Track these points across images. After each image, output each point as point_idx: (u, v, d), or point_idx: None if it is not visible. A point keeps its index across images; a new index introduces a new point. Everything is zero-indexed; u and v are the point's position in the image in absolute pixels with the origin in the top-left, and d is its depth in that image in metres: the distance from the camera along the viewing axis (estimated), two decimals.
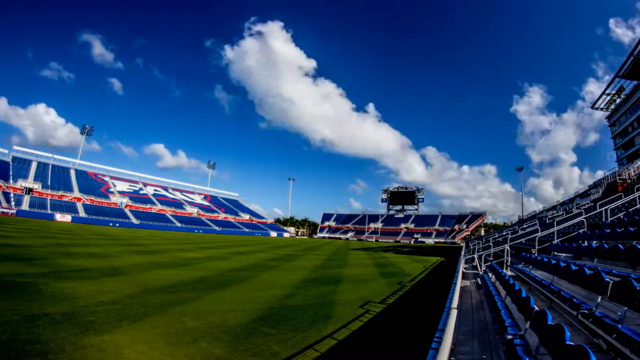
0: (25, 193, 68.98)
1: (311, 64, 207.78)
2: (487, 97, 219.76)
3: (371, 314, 8.94)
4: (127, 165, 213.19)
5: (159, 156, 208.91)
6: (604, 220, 12.56)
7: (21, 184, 71.35)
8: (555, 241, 12.75)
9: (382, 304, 10.33)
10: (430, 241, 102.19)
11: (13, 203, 60.34)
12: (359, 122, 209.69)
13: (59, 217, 61.85)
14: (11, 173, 74.41)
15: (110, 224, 67.48)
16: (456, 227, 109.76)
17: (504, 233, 28.98)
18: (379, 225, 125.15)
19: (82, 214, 67.98)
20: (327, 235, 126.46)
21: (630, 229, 7.64)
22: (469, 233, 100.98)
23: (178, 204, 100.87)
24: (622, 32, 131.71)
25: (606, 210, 12.81)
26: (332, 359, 5.75)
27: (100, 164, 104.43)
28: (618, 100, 51.17)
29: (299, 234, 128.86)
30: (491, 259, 15.78)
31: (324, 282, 14.00)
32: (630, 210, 12.55)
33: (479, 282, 10.76)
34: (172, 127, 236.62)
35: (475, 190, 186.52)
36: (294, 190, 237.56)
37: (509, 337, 4.00)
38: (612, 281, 4.03)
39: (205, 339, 6.01)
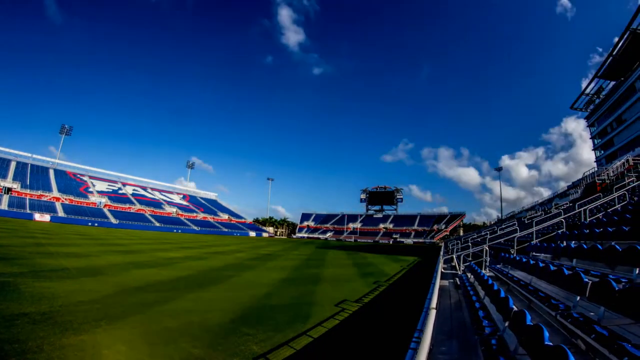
0: (4, 193, 69.09)
1: None
2: None
3: (347, 313, 9.13)
4: (107, 165, 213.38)
5: None
6: (582, 220, 13.06)
7: (0, 183, 70.46)
8: (534, 241, 13.17)
9: (359, 303, 10.51)
10: (409, 241, 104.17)
11: None
12: None
13: (37, 216, 62.31)
14: None
15: (89, 224, 68.14)
16: (435, 227, 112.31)
17: (483, 233, 29.76)
18: (357, 225, 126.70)
19: (61, 213, 68.32)
20: (306, 235, 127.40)
21: (609, 229, 7.95)
22: (447, 233, 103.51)
23: (157, 204, 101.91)
24: None
25: (585, 210, 13.32)
26: (307, 356, 5.91)
27: (79, 164, 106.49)
28: (597, 101, 53.43)
29: (278, 233, 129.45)
30: (470, 259, 16.21)
31: (303, 282, 14.25)
32: (609, 210, 13.10)
33: (458, 282, 10.99)
34: None
35: None
36: (273, 190, 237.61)
37: (488, 337, 4.04)
38: (590, 281, 4.14)
39: (184, 339, 6.17)
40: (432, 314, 3.71)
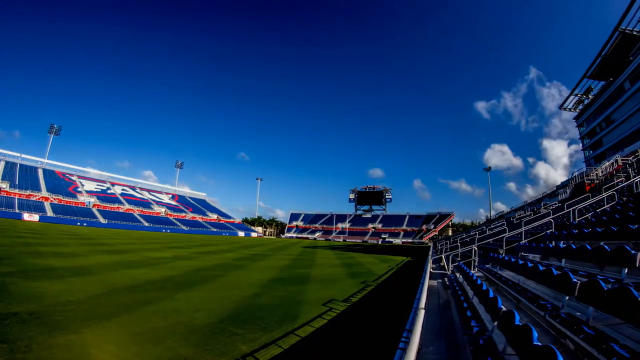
0: None
1: None
2: None
3: (335, 312, 9.21)
4: (95, 165, 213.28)
5: None
6: (571, 220, 13.31)
7: None
8: (523, 241, 13.40)
9: (347, 303, 10.57)
10: (398, 241, 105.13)
11: None
12: None
13: (26, 216, 63.34)
14: None
15: (78, 224, 69.07)
16: (424, 227, 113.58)
17: (472, 233, 30.21)
18: (346, 225, 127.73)
19: (49, 213, 69.36)
20: (294, 235, 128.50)
21: (598, 229, 8.13)
22: (436, 233, 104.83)
23: (146, 204, 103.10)
24: None
25: (574, 210, 13.56)
26: (296, 355, 5.97)
27: (68, 164, 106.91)
28: (586, 101, 54.59)
29: (267, 233, 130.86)
30: (459, 259, 16.38)
31: (292, 282, 14.35)
32: (597, 210, 13.39)
33: (447, 282, 11.12)
34: None
35: None
36: (262, 190, 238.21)
37: (476, 337, 4.08)
38: (579, 281, 4.21)
39: (172, 339, 6.24)
40: (421, 314, 3.72)
